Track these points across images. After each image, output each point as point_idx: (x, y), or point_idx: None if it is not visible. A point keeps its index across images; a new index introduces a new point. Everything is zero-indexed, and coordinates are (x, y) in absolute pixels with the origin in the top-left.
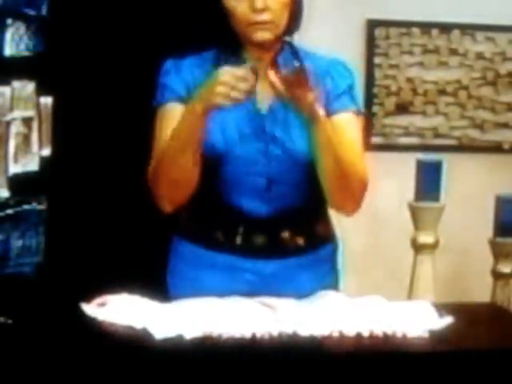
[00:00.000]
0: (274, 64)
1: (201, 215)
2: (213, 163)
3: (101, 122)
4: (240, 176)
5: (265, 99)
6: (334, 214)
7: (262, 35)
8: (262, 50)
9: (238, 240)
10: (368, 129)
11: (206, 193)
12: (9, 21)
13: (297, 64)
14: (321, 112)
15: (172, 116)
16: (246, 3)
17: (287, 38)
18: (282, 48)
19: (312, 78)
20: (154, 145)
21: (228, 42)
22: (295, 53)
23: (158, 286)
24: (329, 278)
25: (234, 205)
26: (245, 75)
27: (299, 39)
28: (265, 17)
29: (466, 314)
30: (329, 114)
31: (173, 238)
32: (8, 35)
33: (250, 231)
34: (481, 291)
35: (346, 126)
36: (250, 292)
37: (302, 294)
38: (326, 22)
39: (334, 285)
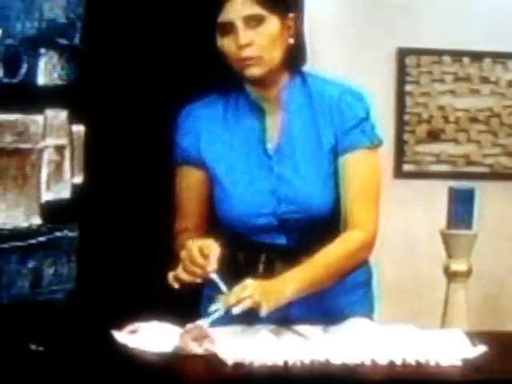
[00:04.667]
0: (278, 100)
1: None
2: (226, 206)
3: (132, 150)
4: (252, 217)
5: (273, 138)
6: None
7: (251, 71)
8: (263, 87)
9: (260, 268)
10: (400, 156)
11: (225, 229)
12: (42, 50)
13: None
14: None
15: (186, 183)
16: (231, 40)
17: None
18: (291, 81)
19: None
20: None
21: (232, 84)
22: (306, 85)
23: (189, 313)
24: (361, 305)
25: (253, 239)
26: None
27: (331, 67)
28: (250, 52)
29: (499, 342)
30: (337, 152)
31: None
32: (41, 64)
33: (271, 259)
34: None
35: (356, 168)
36: (278, 318)
37: (330, 320)
38: (358, 50)
39: (367, 312)
